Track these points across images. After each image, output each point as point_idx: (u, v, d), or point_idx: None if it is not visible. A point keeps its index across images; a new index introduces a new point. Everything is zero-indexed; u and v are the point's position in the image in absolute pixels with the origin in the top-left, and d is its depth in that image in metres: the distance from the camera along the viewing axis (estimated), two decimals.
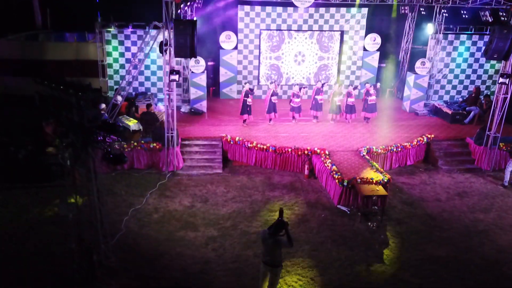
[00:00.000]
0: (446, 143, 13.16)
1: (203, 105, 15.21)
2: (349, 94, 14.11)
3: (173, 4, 10.35)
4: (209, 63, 17.57)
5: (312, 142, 12.48)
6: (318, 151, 11.67)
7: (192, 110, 15.07)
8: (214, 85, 17.92)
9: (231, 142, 12.35)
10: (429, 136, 13.02)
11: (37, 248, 8.09)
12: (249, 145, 12.09)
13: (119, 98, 13.52)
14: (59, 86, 6.22)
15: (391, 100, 17.74)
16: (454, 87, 16.63)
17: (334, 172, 10.30)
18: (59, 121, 6.69)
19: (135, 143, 11.64)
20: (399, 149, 12.27)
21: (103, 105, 11.75)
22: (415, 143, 12.59)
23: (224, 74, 17.07)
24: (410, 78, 15.76)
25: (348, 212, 9.80)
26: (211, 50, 17.47)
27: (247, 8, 16.45)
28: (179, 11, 12.40)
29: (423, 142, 12.86)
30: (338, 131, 13.61)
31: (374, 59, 17.41)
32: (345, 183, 9.83)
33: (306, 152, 11.75)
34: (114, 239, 8.38)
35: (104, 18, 15.40)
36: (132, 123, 11.92)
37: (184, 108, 15.29)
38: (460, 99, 16.08)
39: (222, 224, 9.18)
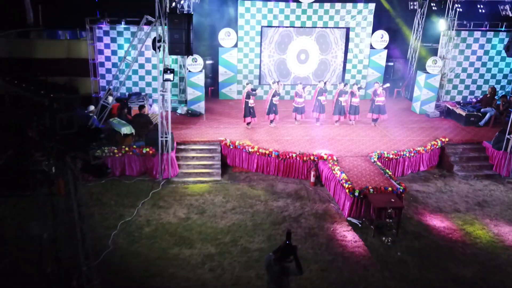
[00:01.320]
0: (462, 147, 12.26)
1: (201, 106, 14.32)
2: (353, 94, 13.23)
3: None
4: (208, 62, 16.68)
5: (318, 146, 11.57)
6: (325, 156, 10.75)
7: (189, 111, 14.16)
8: (213, 85, 17.02)
9: (231, 147, 11.45)
10: (443, 139, 12.11)
11: (11, 269, 7.19)
12: (250, 149, 11.18)
13: (110, 98, 12.63)
14: (30, 86, 5.30)
15: (399, 101, 16.84)
16: (467, 87, 15.71)
17: (343, 181, 9.38)
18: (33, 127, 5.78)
19: (127, 148, 10.73)
20: (412, 154, 11.35)
21: (92, 107, 10.85)
22: (429, 147, 11.67)
23: (223, 73, 16.18)
24: (421, 78, 14.85)
25: (360, 225, 8.89)
26: (209, 48, 16.61)
27: (247, 3, 15.55)
28: (173, 4, 11.49)
29: (437, 146, 11.95)
30: (345, 134, 12.70)
31: (381, 58, 16.51)
32: (356, 193, 8.92)
33: (312, 158, 10.84)
34: (99, 258, 7.48)
35: (101, 15, 14.54)
36: (124, 126, 11.02)
37: (181, 110, 14.39)
38: (474, 100, 15.15)
39: (220, 239, 8.27)
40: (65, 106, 5.11)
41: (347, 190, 9.09)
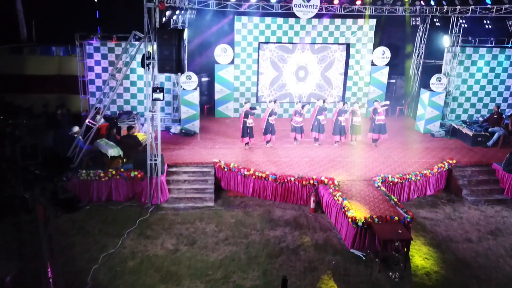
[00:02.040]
0: (470, 170, 11.57)
1: (195, 125, 13.71)
2: (354, 113, 12.60)
3: (157, 11, 8.89)
4: (203, 79, 16.14)
5: (318, 169, 10.90)
6: (326, 181, 10.06)
7: (183, 131, 13.54)
8: (208, 102, 16.45)
9: (225, 169, 10.77)
10: (450, 161, 11.44)
11: None
12: (245, 172, 10.50)
13: (98, 118, 12.01)
14: None
15: (402, 119, 16.23)
16: (472, 105, 15.10)
17: (346, 209, 8.66)
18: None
19: (113, 172, 10.05)
20: (418, 178, 10.66)
21: (76, 128, 10.21)
22: (435, 170, 10.99)
23: (219, 91, 15.62)
24: (425, 96, 14.26)
25: (364, 258, 8.13)
26: (205, 65, 16.10)
27: (244, 19, 15.07)
28: (164, 19, 10.96)
29: (444, 169, 11.26)
30: (346, 155, 12.02)
31: (383, 75, 15.96)
32: (359, 224, 8.20)
33: (311, 182, 10.14)
34: None
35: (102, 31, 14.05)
36: (111, 148, 10.37)
37: (174, 129, 13.77)
38: (481, 119, 14.52)
39: (211, 275, 7.51)
40: (29, 132, 4.48)
41: (349, 220, 8.37)
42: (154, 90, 9.15)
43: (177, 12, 12.51)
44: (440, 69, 14.77)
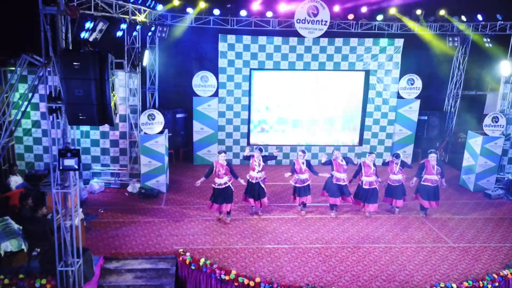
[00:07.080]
0: None
1: (160, 182, 9.95)
2: (391, 166, 8.84)
3: (66, 21, 5.18)
4: (178, 115, 12.45)
5: (338, 266, 7.02)
6: None
7: (143, 190, 9.74)
8: (185, 145, 12.71)
9: (192, 267, 6.90)
10: None
11: None
12: (222, 276, 6.62)
13: (13, 179, 8.27)
14: None
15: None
16: None
17: None
18: None
19: (6, 280, 6.17)
20: (497, 284, 6.78)
21: None
22: None
23: (199, 131, 11.94)
24: (475, 142, 10.50)
25: None
26: (181, 98, 12.45)
27: (231, 39, 11.47)
28: (93, 35, 7.31)
29: None
30: (378, 235, 8.13)
31: (412, 110, 12.26)
32: None
33: None
34: None
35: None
36: (9, 239, 6.52)
37: (132, 187, 9.98)
38: None
39: None
40: None
41: None
42: (62, 153, 5.36)
43: (124, 26, 8.82)
44: (480, 101, 11.13)
